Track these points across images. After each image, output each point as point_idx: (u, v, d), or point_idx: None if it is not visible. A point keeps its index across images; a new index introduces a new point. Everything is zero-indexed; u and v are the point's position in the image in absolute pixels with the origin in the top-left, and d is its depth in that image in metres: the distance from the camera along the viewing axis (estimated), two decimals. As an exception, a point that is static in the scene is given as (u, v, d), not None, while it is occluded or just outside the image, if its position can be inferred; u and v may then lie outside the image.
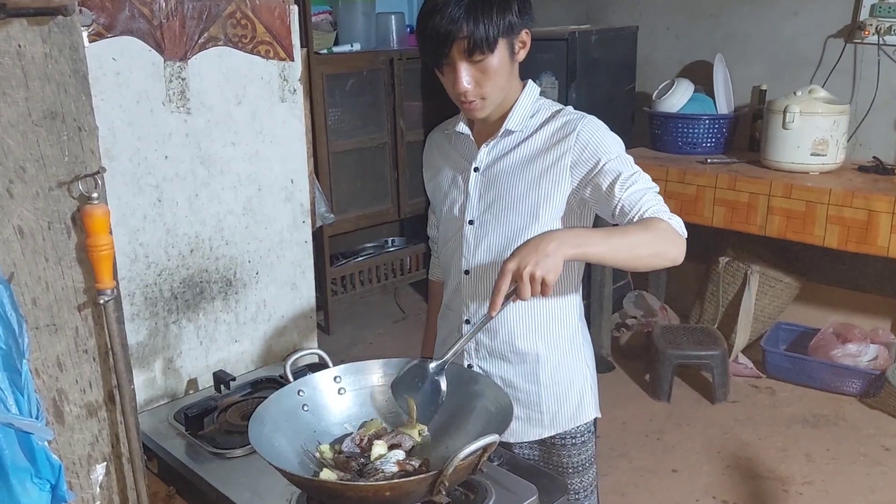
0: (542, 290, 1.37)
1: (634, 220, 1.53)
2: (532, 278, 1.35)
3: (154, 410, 1.84)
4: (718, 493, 3.11)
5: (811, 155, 3.50)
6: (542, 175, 1.64)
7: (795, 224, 3.42)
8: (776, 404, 3.78)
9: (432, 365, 1.52)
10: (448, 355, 1.51)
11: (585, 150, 1.60)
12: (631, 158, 1.61)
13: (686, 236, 1.55)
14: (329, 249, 4.64)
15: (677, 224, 1.53)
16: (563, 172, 1.63)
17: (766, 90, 4.05)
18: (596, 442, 1.89)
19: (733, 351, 4.04)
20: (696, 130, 3.99)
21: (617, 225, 1.58)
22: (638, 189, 1.55)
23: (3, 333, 1.06)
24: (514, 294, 1.38)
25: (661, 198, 1.57)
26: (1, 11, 1.07)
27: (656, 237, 1.49)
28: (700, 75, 4.21)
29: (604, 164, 1.57)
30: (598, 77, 4.13)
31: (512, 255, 1.40)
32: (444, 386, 1.51)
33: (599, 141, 1.60)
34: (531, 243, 1.40)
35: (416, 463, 1.41)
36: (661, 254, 1.51)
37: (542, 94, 1.75)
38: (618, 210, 1.55)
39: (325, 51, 4.40)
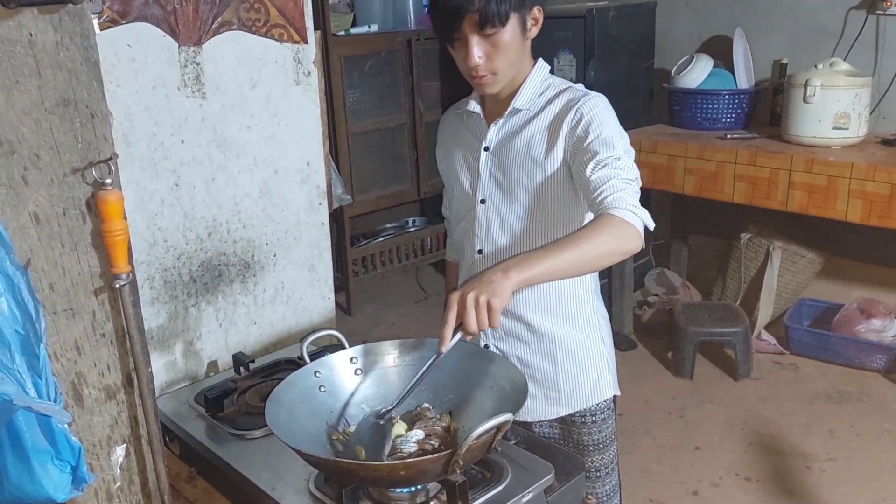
0: (489, 317, 1.33)
1: (595, 203, 1.51)
2: (476, 304, 1.33)
3: (175, 393, 1.86)
4: (741, 471, 3.11)
5: (833, 129, 3.46)
6: (546, 152, 1.64)
7: (817, 199, 3.38)
8: (799, 381, 3.76)
9: (381, 411, 1.47)
10: (395, 403, 1.47)
11: (580, 124, 1.60)
12: (623, 144, 1.58)
13: (650, 226, 1.51)
14: (350, 230, 4.66)
15: (632, 216, 1.48)
16: (561, 147, 1.63)
17: (786, 64, 4.00)
18: (616, 419, 1.89)
19: (756, 327, 4.02)
20: (716, 106, 3.95)
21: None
22: (605, 174, 1.52)
23: (20, 318, 1.07)
24: (462, 329, 1.36)
25: (630, 185, 1.53)
26: (12, 1, 1.08)
27: (606, 237, 1.45)
28: (719, 50, 4.16)
29: (589, 142, 1.56)
30: (616, 54, 4.10)
31: (456, 288, 1.39)
32: (390, 436, 1.43)
33: (593, 118, 1.59)
34: (476, 276, 1.39)
35: (435, 443, 1.42)
36: (612, 252, 1.47)
37: (559, 72, 1.75)
38: (586, 190, 1.55)
39: (342, 32, 4.40)
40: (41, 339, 1.11)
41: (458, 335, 1.37)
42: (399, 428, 1.46)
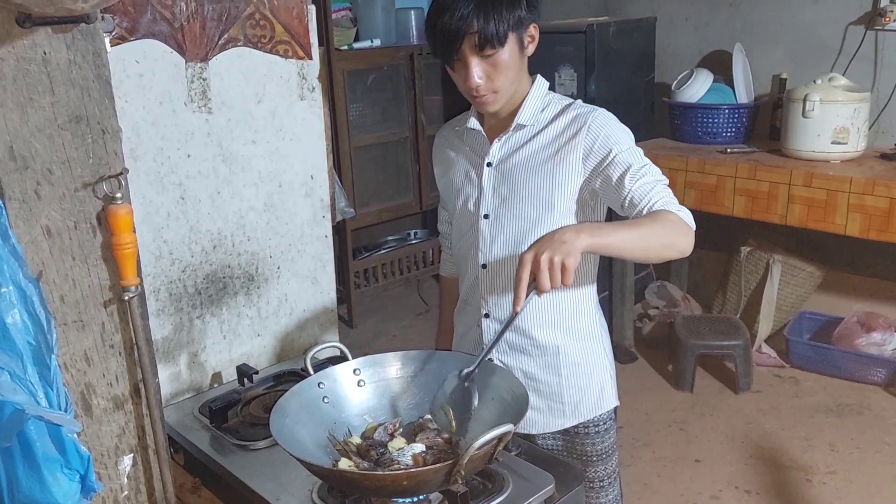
0: (563, 276, 1.36)
1: (643, 211, 1.55)
2: (551, 264, 1.36)
3: (180, 404, 1.88)
4: (741, 484, 3.11)
5: (832, 143, 3.48)
6: (555, 167, 1.67)
7: (816, 213, 3.40)
8: (800, 394, 3.77)
9: (463, 373, 1.52)
10: (476, 363, 1.51)
11: (596, 141, 1.63)
12: (641, 151, 1.64)
13: (694, 228, 1.57)
14: (352, 243, 4.69)
15: (686, 216, 1.55)
16: (575, 164, 1.65)
17: (786, 79, 4.03)
18: (616, 430, 1.91)
19: (756, 340, 4.03)
20: (716, 120, 3.98)
21: (626, 217, 1.60)
22: (647, 181, 1.57)
23: (32, 330, 1.10)
24: (535, 287, 1.39)
25: (669, 190, 1.59)
26: (27, 20, 1.11)
27: (666, 229, 1.51)
28: (719, 65, 4.19)
29: (614, 156, 1.60)
30: (617, 69, 4.13)
31: (529, 247, 1.41)
32: (475, 394, 1.49)
33: (609, 133, 1.63)
34: (547, 235, 1.42)
35: (436, 456, 1.44)
36: (671, 245, 1.53)
37: (561, 86, 1.78)
38: (627, 201, 1.58)
39: (345, 47, 4.44)
40: (52, 350, 1.14)
41: (532, 294, 1.40)
42: (398, 441, 1.48)
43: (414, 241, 5.21)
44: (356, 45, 4.51)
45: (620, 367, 3.92)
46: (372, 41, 4.58)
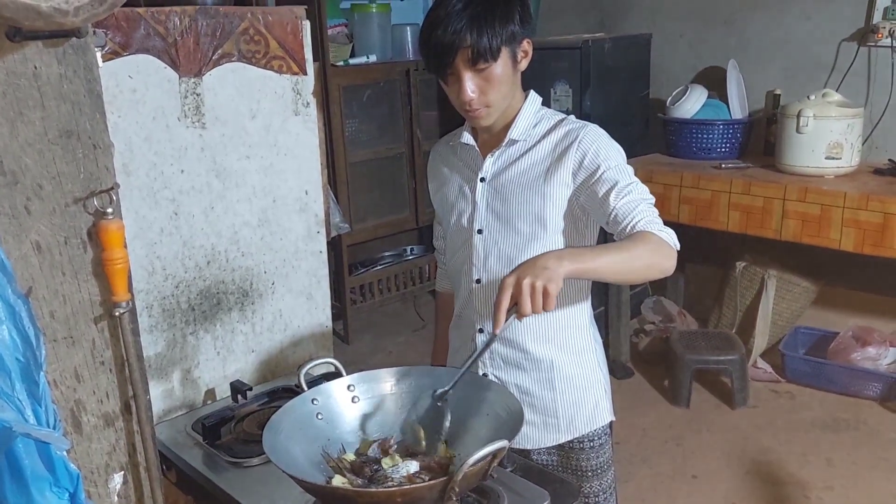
0: (544, 302, 1.37)
1: (627, 229, 1.55)
2: (532, 289, 1.36)
3: (172, 421, 1.87)
4: (738, 499, 3.10)
5: (826, 158, 3.49)
6: (546, 182, 1.67)
7: (811, 228, 3.41)
8: (796, 409, 3.76)
9: (437, 392, 1.53)
10: (451, 384, 1.51)
11: (586, 157, 1.63)
12: (630, 169, 1.63)
13: (678, 247, 1.56)
14: (348, 258, 4.68)
15: (668, 236, 1.55)
16: (565, 179, 1.65)
17: (780, 95, 4.04)
18: (612, 445, 1.90)
19: (752, 355, 4.03)
20: (711, 136, 3.99)
21: (611, 234, 1.60)
22: (632, 199, 1.57)
23: (21, 346, 1.08)
24: (516, 311, 1.39)
25: (655, 209, 1.59)
26: (17, 35, 1.10)
27: (648, 251, 1.51)
28: (714, 81, 4.21)
29: (602, 173, 1.60)
30: (612, 85, 4.14)
31: (510, 272, 1.41)
32: (448, 415, 1.50)
33: (599, 149, 1.63)
34: (530, 260, 1.42)
35: (426, 476, 1.43)
36: (652, 266, 1.52)
37: (556, 102, 1.78)
38: (611, 218, 1.57)
39: (341, 63, 4.44)
40: (41, 367, 1.12)
41: (512, 317, 1.40)
42: (393, 458, 1.47)
43: (410, 257, 5.20)
44: (352, 61, 4.52)
45: (617, 383, 3.91)
46: (368, 57, 4.59)
